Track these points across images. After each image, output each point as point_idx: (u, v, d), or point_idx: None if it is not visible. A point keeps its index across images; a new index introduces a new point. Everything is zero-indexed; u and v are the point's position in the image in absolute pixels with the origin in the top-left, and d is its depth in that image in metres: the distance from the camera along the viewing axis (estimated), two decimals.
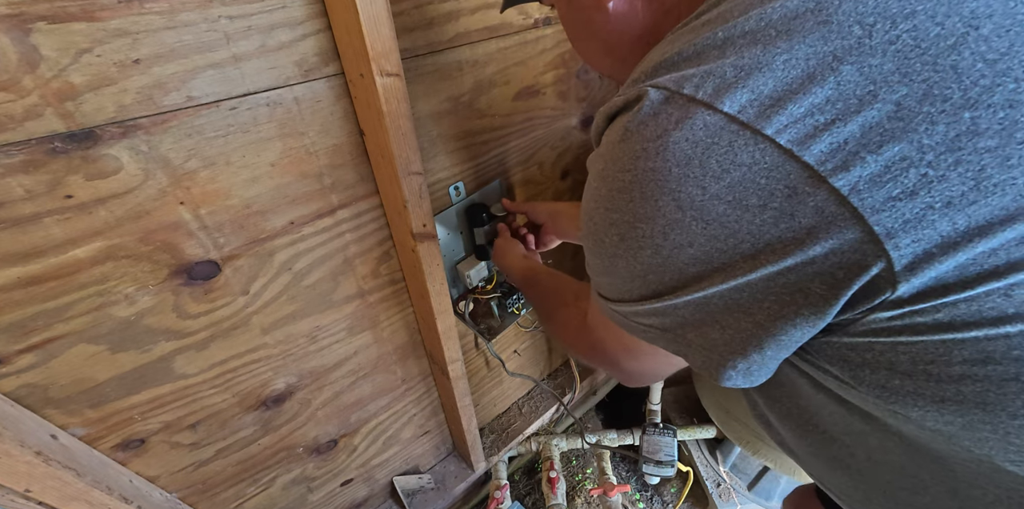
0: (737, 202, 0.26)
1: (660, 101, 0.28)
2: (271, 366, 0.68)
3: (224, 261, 0.56)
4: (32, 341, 0.47)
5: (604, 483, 1.19)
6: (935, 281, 0.24)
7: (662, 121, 0.27)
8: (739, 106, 0.25)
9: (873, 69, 0.24)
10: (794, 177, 0.24)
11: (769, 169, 0.25)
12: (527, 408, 1.29)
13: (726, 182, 0.26)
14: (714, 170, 0.26)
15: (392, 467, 1.04)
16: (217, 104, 0.48)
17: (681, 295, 0.30)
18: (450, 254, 0.82)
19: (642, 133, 0.28)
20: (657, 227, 0.29)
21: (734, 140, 0.25)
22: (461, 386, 0.92)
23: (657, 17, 0.38)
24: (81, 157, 0.43)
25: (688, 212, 0.27)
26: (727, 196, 0.26)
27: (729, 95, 0.25)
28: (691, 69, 0.27)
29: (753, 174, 0.25)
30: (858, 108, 0.23)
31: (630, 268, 0.32)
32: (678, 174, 0.27)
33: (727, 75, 0.26)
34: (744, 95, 0.25)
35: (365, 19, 0.47)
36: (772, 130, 0.24)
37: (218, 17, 0.45)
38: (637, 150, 0.28)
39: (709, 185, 0.26)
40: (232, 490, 0.75)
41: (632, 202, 0.29)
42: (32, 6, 0.37)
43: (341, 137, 0.59)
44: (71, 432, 0.53)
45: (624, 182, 0.29)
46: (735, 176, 0.25)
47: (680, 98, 0.27)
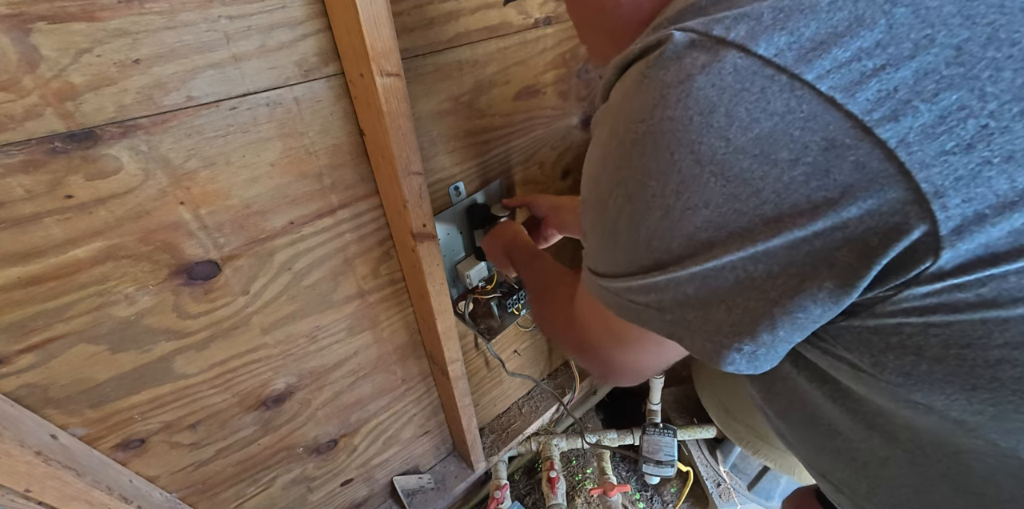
0: (764, 156, 0.23)
1: (685, 44, 0.25)
2: (271, 366, 0.68)
3: (224, 261, 0.56)
4: (32, 341, 0.47)
5: (604, 483, 1.19)
6: (984, 248, 0.22)
7: (686, 65, 0.25)
8: (776, 49, 0.23)
9: (931, 11, 0.22)
10: (834, 128, 0.22)
11: (806, 119, 0.22)
12: (527, 408, 1.29)
13: (754, 133, 0.23)
14: (742, 119, 0.23)
15: (392, 467, 1.04)
16: (217, 104, 0.48)
17: (688, 265, 0.27)
18: (450, 254, 0.82)
19: (662, 78, 0.25)
20: (670, 184, 0.26)
21: (767, 86, 0.23)
22: (461, 386, 0.92)
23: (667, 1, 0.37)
24: (81, 157, 0.43)
25: (707, 167, 0.24)
26: (753, 149, 0.23)
27: (765, 37, 0.23)
28: (721, 12, 0.25)
29: (786, 125, 0.23)
30: (912, 53, 0.21)
31: (633, 234, 0.29)
32: (700, 123, 0.24)
33: (764, 17, 0.24)
34: (782, 37, 0.23)
35: (365, 19, 0.47)
36: (812, 76, 0.22)
37: (218, 17, 0.45)
38: (655, 97, 0.26)
39: (734, 137, 0.24)
40: (232, 490, 0.75)
41: (644, 156, 0.27)
42: (32, 6, 0.37)
43: (341, 137, 0.59)
44: (71, 432, 0.53)
45: (637, 134, 0.27)
46: (765, 127, 0.23)
47: (708, 40, 0.24)
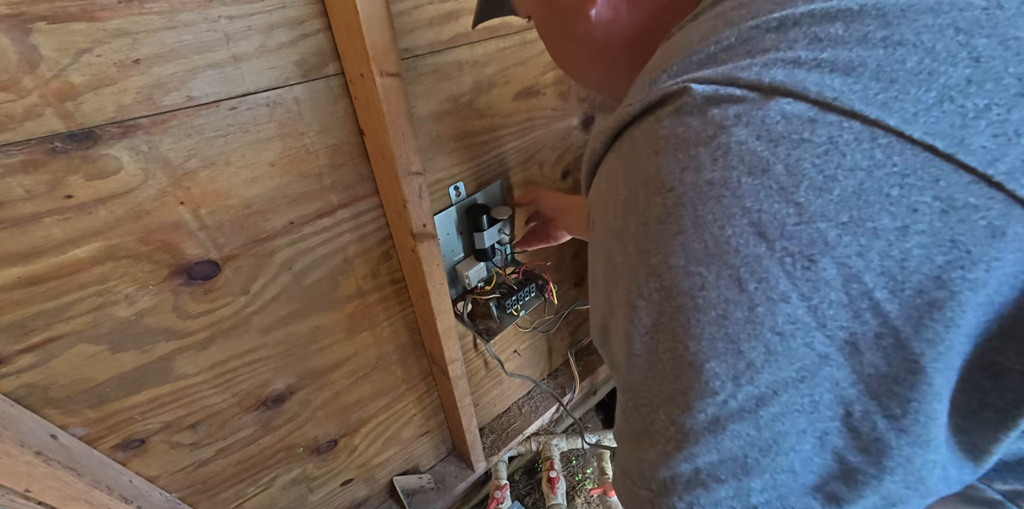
0: (858, 224, 0.18)
1: (708, 96, 0.21)
2: (271, 366, 0.68)
3: (224, 261, 0.56)
4: (32, 341, 0.47)
5: (604, 483, 1.19)
6: None
7: (714, 117, 0.20)
8: (834, 91, 0.19)
9: (1021, 43, 0.18)
10: (946, 184, 0.17)
11: (902, 174, 0.18)
12: (527, 408, 1.29)
13: (835, 195, 0.18)
14: (812, 178, 0.18)
15: (392, 467, 1.04)
16: (217, 104, 0.48)
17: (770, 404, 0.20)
18: (449, 254, 0.82)
19: (683, 136, 0.21)
20: (727, 271, 0.20)
21: (836, 135, 0.18)
22: (461, 386, 0.92)
23: (646, 19, 0.33)
24: (81, 157, 0.43)
25: (778, 243, 0.19)
26: (839, 215, 0.18)
27: (814, 79, 0.19)
28: (742, 60, 0.21)
29: (876, 182, 0.18)
30: (1021, 89, 0.18)
31: (678, 351, 0.21)
32: (753, 186, 0.19)
33: (803, 58, 0.19)
34: (835, 78, 0.19)
35: (365, 19, 0.47)
36: (896, 120, 0.18)
37: (218, 17, 0.45)
38: (681, 159, 0.21)
39: (807, 200, 0.18)
40: (232, 490, 0.75)
41: (682, 235, 0.20)
42: (32, 6, 0.37)
43: (341, 137, 0.59)
44: (71, 432, 0.53)
45: (666, 207, 0.21)
46: (848, 186, 0.18)
47: (738, 88, 0.20)
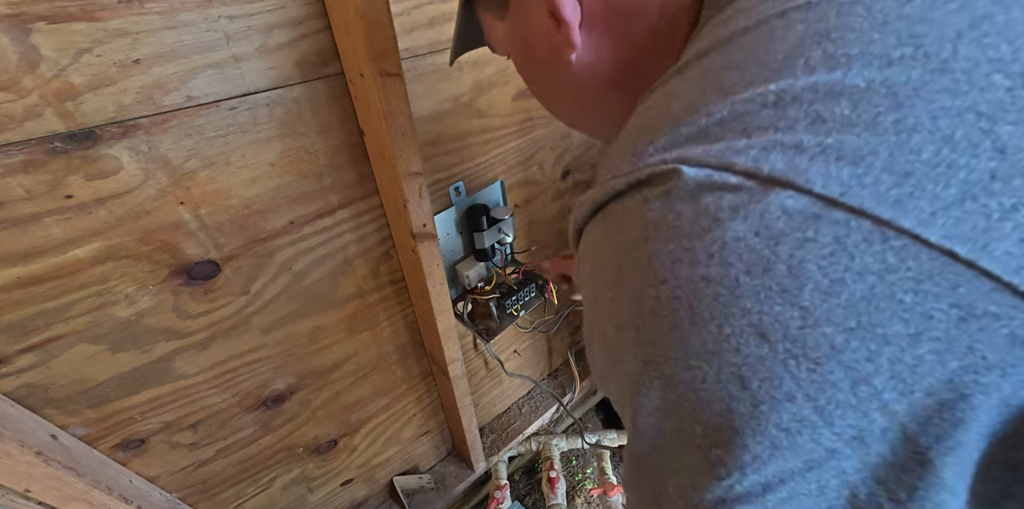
0: (866, 330, 0.16)
1: (700, 181, 0.19)
2: (271, 366, 0.68)
3: (224, 261, 0.56)
4: (32, 341, 0.47)
5: (604, 483, 1.19)
6: None
7: (707, 207, 0.18)
8: (841, 185, 0.17)
9: None
10: (966, 291, 0.16)
11: (916, 279, 0.16)
12: (527, 408, 1.29)
13: (841, 299, 0.17)
14: (817, 281, 0.17)
15: (392, 467, 1.04)
16: (217, 104, 0.48)
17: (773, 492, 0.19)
18: (449, 254, 0.82)
19: (674, 225, 0.19)
20: (728, 368, 0.18)
21: (844, 235, 0.17)
22: (461, 386, 0.92)
23: (628, 62, 0.32)
24: (81, 157, 0.43)
25: (780, 346, 0.17)
26: (846, 321, 0.17)
27: (818, 169, 0.17)
28: (737, 140, 0.19)
29: (888, 287, 0.16)
30: None
31: (684, 433, 0.20)
32: (753, 287, 0.18)
33: (805, 143, 0.18)
34: (843, 169, 0.17)
35: (365, 19, 0.47)
36: (911, 222, 0.16)
37: (218, 17, 0.45)
38: (672, 251, 0.19)
39: (812, 304, 0.17)
40: (232, 490, 0.75)
41: (678, 329, 0.19)
42: (32, 6, 0.37)
43: (341, 137, 0.59)
44: (71, 432, 0.53)
45: (659, 300, 0.20)
46: (856, 291, 0.16)
47: (733, 175, 0.18)
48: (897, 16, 0.19)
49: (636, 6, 0.29)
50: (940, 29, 0.18)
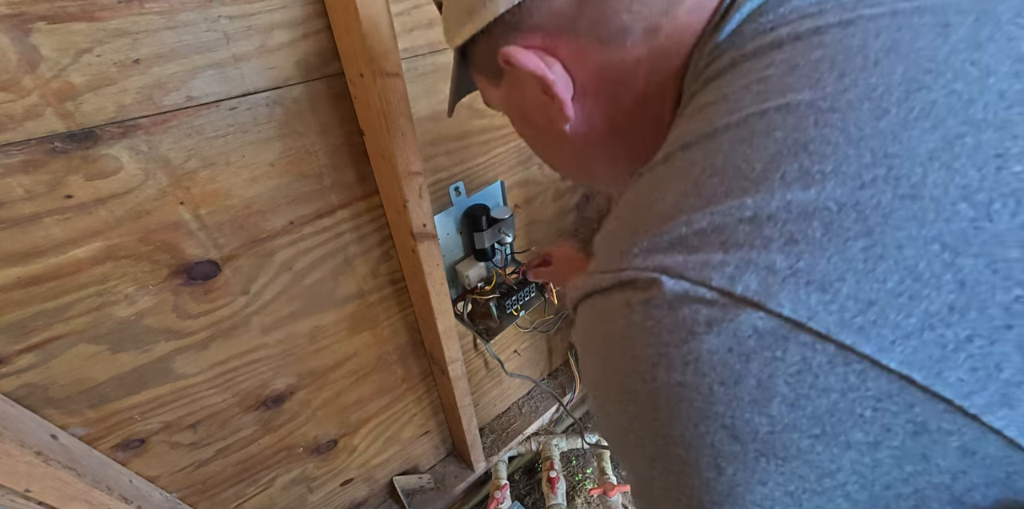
0: (831, 437, 0.18)
1: (678, 294, 0.20)
2: (271, 366, 0.68)
3: (224, 261, 0.56)
4: (32, 341, 0.47)
5: (604, 483, 1.19)
6: None
7: (684, 319, 0.20)
8: (809, 310, 0.18)
9: (1012, 266, 0.17)
10: (920, 411, 0.17)
11: (876, 398, 0.17)
12: (527, 408, 1.29)
13: (807, 411, 0.18)
14: (784, 395, 0.18)
15: (392, 467, 1.04)
16: (217, 104, 0.48)
17: None
18: (449, 254, 0.82)
19: (653, 331, 0.21)
20: (704, 458, 0.20)
21: (809, 356, 0.18)
22: (461, 386, 0.92)
23: (621, 123, 0.34)
24: (81, 157, 0.43)
25: (751, 445, 0.19)
26: (812, 429, 0.18)
27: (788, 294, 0.18)
28: (715, 253, 0.20)
29: (850, 403, 0.18)
30: (1007, 321, 0.17)
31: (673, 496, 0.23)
32: (726, 395, 0.19)
33: (777, 265, 0.19)
34: (812, 295, 0.18)
35: (365, 19, 0.47)
36: (872, 348, 0.17)
37: (218, 17, 0.45)
38: (652, 354, 0.21)
39: (780, 414, 0.19)
40: (232, 490, 0.75)
41: (658, 421, 0.21)
42: (32, 6, 0.37)
43: (341, 137, 0.59)
44: (71, 432, 0.53)
45: (640, 394, 0.22)
46: (820, 405, 0.18)
47: (709, 291, 0.19)
48: (872, 131, 0.19)
49: (624, 77, 0.31)
50: (912, 150, 0.18)
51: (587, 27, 0.30)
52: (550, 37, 0.31)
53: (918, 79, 0.20)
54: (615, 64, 0.31)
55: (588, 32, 0.30)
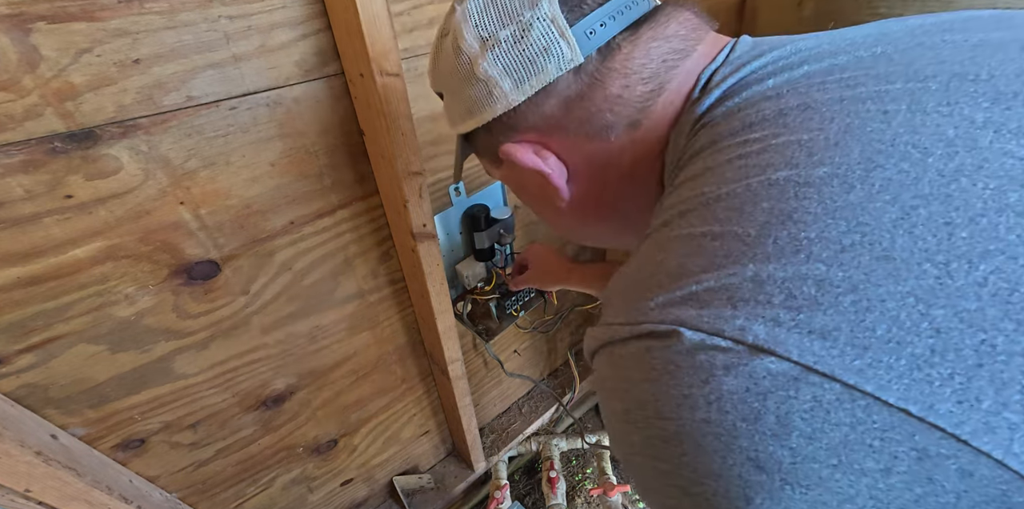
0: (847, 466, 0.21)
1: (696, 342, 0.23)
2: (271, 366, 0.68)
3: (224, 261, 0.56)
4: (32, 341, 0.47)
5: (604, 483, 1.19)
6: None
7: (703, 363, 0.22)
8: (814, 356, 0.21)
9: (974, 315, 0.20)
10: (920, 439, 0.20)
11: (882, 430, 0.20)
12: (527, 408, 1.29)
13: (823, 443, 0.20)
14: (801, 429, 0.21)
15: (392, 467, 1.04)
16: (217, 104, 0.48)
17: None
18: (449, 255, 0.82)
19: (677, 377, 0.23)
20: (733, 488, 0.22)
21: (820, 395, 0.20)
22: (461, 386, 0.92)
23: (610, 197, 0.38)
24: (81, 157, 0.43)
25: (775, 475, 0.21)
26: (829, 459, 0.21)
27: (794, 341, 0.21)
28: (725, 308, 0.23)
29: (860, 435, 0.20)
30: (978, 360, 0.19)
31: None
32: (748, 431, 0.21)
33: (781, 318, 0.21)
34: (814, 342, 0.21)
35: (365, 19, 0.47)
36: (872, 387, 0.20)
37: (218, 17, 0.45)
38: (676, 396, 0.23)
39: (799, 446, 0.21)
40: (232, 490, 0.75)
41: (687, 456, 0.23)
42: (32, 6, 0.37)
43: (341, 137, 0.59)
44: (71, 432, 0.53)
45: (666, 432, 0.24)
46: (834, 437, 0.20)
47: (723, 340, 0.22)
48: (844, 203, 0.23)
49: (611, 161, 0.36)
50: (879, 219, 0.22)
51: (575, 127, 0.35)
52: (543, 134, 0.36)
53: (873, 159, 0.23)
54: (602, 153, 0.36)
55: (577, 130, 0.35)
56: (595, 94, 0.33)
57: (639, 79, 0.33)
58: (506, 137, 0.37)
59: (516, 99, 0.34)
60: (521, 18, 0.32)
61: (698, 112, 0.32)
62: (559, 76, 0.32)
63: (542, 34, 0.32)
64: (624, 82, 0.33)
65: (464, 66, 0.34)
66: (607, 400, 0.28)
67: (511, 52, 0.33)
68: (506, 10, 0.33)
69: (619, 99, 0.33)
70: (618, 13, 0.32)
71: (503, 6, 0.33)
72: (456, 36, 0.34)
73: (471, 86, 0.35)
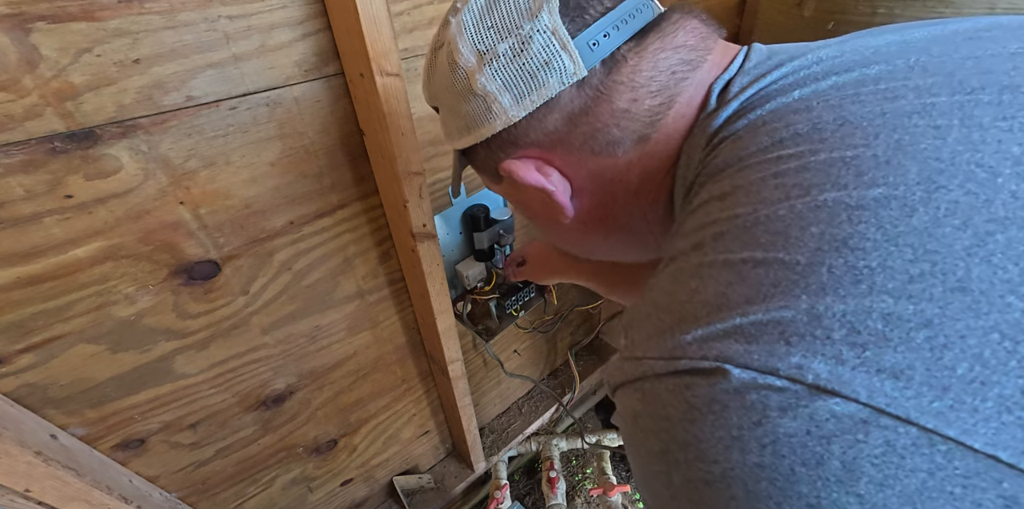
0: None
1: (747, 381, 0.21)
2: (271, 366, 0.68)
3: (224, 261, 0.56)
4: (32, 341, 0.47)
5: (604, 483, 1.19)
6: None
7: (754, 403, 0.20)
8: (886, 397, 0.19)
9: None
10: (1009, 486, 0.18)
11: (964, 476, 0.18)
12: (527, 408, 1.29)
13: (896, 490, 0.19)
14: (871, 475, 0.19)
15: (392, 467, 1.04)
16: (217, 104, 0.48)
17: None
18: (449, 254, 0.82)
19: (724, 416, 0.21)
20: None
21: (893, 439, 0.18)
22: (461, 386, 0.92)
23: (618, 213, 0.37)
24: (81, 157, 0.43)
25: None
26: (902, 507, 0.19)
27: (862, 381, 0.19)
28: (777, 343, 0.21)
29: (939, 482, 0.18)
30: None
31: None
32: (809, 476, 0.19)
33: (844, 355, 0.19)
34: (886, 382, 0.19)
35: (365, 19, 0.47)
36: (955, 431, 0.18)
37: (218, 17, 0.45)
38: (723, 438, 0.21)
39: (868, 493, 0.19)
40: (232, 490, 0.75)
41: (735, 501, 0.21)
42: (32, 6, 0.37)
43: (341, 137, 0.59)
44: (71, 432, 0.53)
45: (712, 475, 0.22)
46: (909, 484, 0.18)
47: (777, 379, 0.20)
48: (907, 228, 0.20)
49: (618, 176, 0.34)
50: (949, 246, 0.19)
51: (580, 142, 0.33)
52: (546, 150, 0.34)
53: (933, 179, 0.21)
54: (609, 168, 0.34)
55: (581, 146, 0.33)
56: (601, 108, 0.31)
57: (648, 92, 0.31)
58: (506, 153, 0.35)
59: (516, 115, 0.32)
60: (520, 30, 0.30)
61: (714, 125, 0.30)
62: (562, 91, 0.31)
63: (543, 47, 0.30)
64: (632, 96, 0.31)
65: (461, 81, 0.33)
66: (640, 439, 0.25)
67: (510, 66, 0.31)
68: (504, 22, 0.31)
69: (627, 113, 0.31)
70: (622, 22, 0.31)
71: (500, 17, 0.31)
72: (451, 49, 0.33)
73: (468, 102, 0.33)
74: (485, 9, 0.32)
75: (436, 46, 0.35)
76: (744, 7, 1.04)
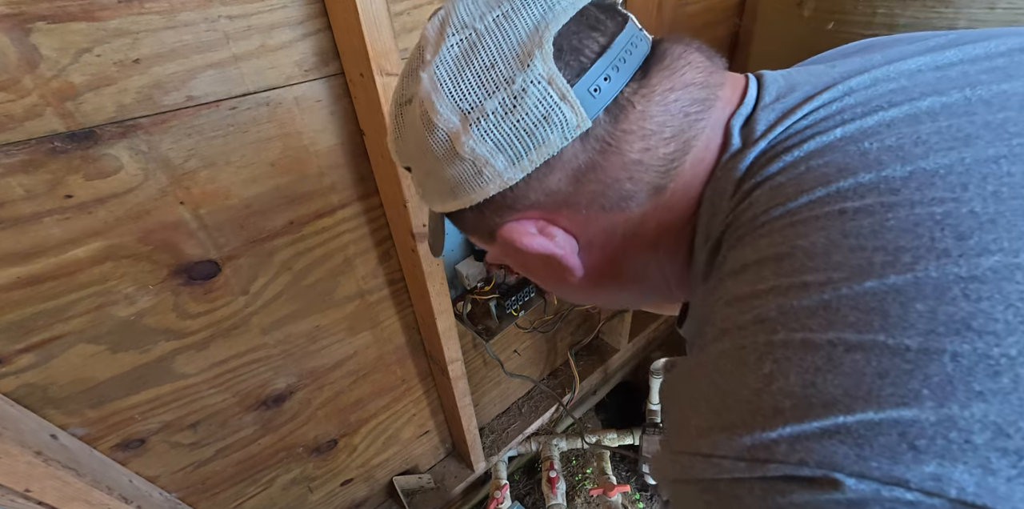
0: None
1: (867, 494, 0.17)
2: (271, 366, 0.68)
3: (224, 261, 0.56)
4: (32, 341, 0.47)
5: (604, 483, 1.19)
6: None
7: None
8: None
9: None
10: None
11: None
12: (527, 408, 1.29)
13: None
14: None
15: (392, 467, 1.04)
16: (217, 104, 0.48)
17: None
18: (449, 255, 0.82)
19: None
20: None
21: None
22: (461, 386, 0.92)
23: (636, 265, 0.33)
24: (81, 157, 0.43)
25: None
26: None
27: (1022, 495, 0.16)
28: (898, 449, 0.17)
29: None
30: None
31: None
32: None
33: (993, 464, 0.16)
34: None
35: (365, 19, 0.47)
36: None
37: (218, 17, 0.45)
38: None
39: None
40: (232, 490, 0.75)
41: None
42: (32, 6, 0.37)
43: (341, 137, 0.59)
44: (71, 432, 0.53)
45: None
46: None
47: (908, 492, 0.17)
48: None
49: (633, 230, 0.31)
50: None
51: (588, 201, 0.29)
52: (549, 212, 0.30)
53: None
54: (621, 224, 0.30)
55: (590, 204, 0.29)
56: (610, 162, 0.28)
57: (661, 139, 0.27)
58: (502, 218, 0.31)
59: (513, 177, 0.28)
60: (511, 83, 0.26)
61: (740, 168, 0.27)
62: (564, 146, 0.27)
63: (539, 100, 0.26)
64: (644, 145, 0.27)
65: (441, 144, 0.28)
66: None
67: (502, 125, 0.27)
68: (489, 74, 0.27)
69: (639, 165, 0.28)
70: (620, 61, 0.27)
71: (484, 69, 0.27)
72: (426, 109, 0.28)
73: (453, 166, 0.29)
74: (462, 60, 0.27)
75: (402, 101, 0.31)
76: (744, 7, 1.05)
